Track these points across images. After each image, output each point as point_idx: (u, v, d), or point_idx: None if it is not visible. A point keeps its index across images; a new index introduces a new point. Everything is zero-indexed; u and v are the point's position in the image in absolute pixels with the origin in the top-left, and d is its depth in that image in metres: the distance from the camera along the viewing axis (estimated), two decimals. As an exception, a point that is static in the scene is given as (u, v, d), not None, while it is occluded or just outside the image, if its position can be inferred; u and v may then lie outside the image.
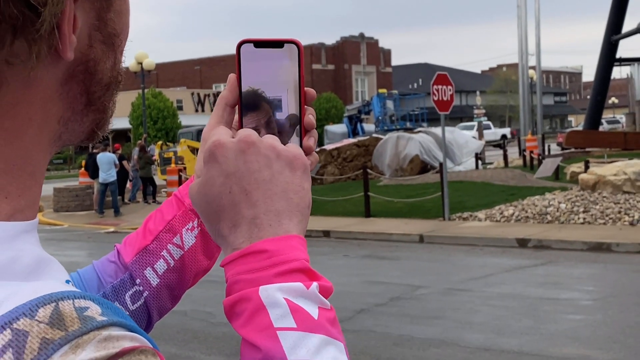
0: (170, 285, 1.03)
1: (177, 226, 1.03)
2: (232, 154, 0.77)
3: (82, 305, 0.59)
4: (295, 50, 0.95)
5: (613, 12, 28.86)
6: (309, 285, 0.72)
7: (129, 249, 1.04)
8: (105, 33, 0.68)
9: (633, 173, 15.25)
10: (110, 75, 0.71)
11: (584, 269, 10.71)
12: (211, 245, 1.04)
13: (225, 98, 0.97)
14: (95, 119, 0.72)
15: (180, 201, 1.04)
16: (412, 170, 23.22)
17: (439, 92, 14.99)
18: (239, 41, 0.97)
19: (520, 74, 39.37)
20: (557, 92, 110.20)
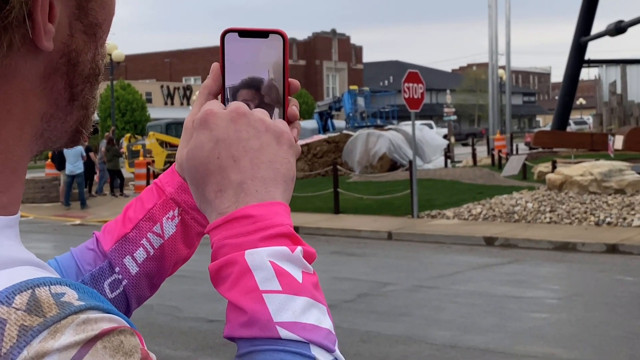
0: (150, 273, 1.02)
1: (158, 215, 1.01)
2: (223, 122, 0.79)
3: (59, 291, 0.58)
4: (280, 41, 0.95)
5: (582, 14, 29.15)
6: (294, 250, 0.74)
7: (108, 237, 1.03)
8: (87, 23, 0.67)
9: (599, 174, 15.43)
10: (90, 67, 0.69)
11: (550, 268, 10.81)
12: (191, 234, 1.03)
13: (209, 87, 0.96)
14: (79, 116, 0.71)
15: (160, 190, 1.03)
16: (382, 168, 23.29)
17: (409, 90, 15.04)
18: (224, 30, 0.95)
19: (490, 74, 39.69)
20: (525, 92, 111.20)
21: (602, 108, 37.58)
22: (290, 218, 0.78)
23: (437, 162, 25.79)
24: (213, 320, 8.03)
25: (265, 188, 0.77)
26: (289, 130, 0.83)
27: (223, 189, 0.77)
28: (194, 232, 1.03)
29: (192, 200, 1.01)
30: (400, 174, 20.46)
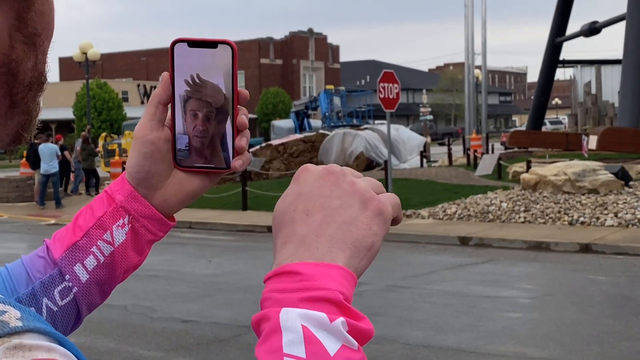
0: (100, 281, 1.02)
1: (108, 222, 1.02)
2: (311, 178, 0.79)
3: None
4: (229, 51, 0.96)
5: (557, 15, 29.38)
6: (334, 319, 0.69)
7: (58, 244, 1.03)
8: (26, 33, 0.67)
9: (573, 174, 15.56)
10: (32, 76, 0.69)
11: (523, 268, 10.90)
12: (142, 242, 1.03)
13: (159, 96, 0.98)
14: (20, 121, 0.70)
15: (110, 198, 1.03)
16: (358, 167, 23.33)
17: (385, 90, 15.09)
18: (173, 40, 0.97)
19: (467, 73, 39.89)
20: (502, 92, 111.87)
21: (577, 108, 37.92)
22: (349, 287, 0.73)
23: (413, 161, 25.88)
24: (187, 320, 8.01)
25: (329, 248, 0.74)
26: (389, 201, 0.79)
27: (288, 241, 0.75)
28: (145, 240, 1.03)
29: (142, 208, 1.01)
30: (376, 174, 20.50)
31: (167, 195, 1.02)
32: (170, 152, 1.00)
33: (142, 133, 0.99)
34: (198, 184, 1.03)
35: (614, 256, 11.34)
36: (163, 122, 1.00)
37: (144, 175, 1.00)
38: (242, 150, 1.00)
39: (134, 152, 1.01)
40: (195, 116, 0.98)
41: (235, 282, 10.02)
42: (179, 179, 1.01)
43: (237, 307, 8.65)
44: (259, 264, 11.37)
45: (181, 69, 0.97)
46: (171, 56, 0.97)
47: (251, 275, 10.48)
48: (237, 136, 0.99)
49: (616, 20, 24.92)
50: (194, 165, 1.00)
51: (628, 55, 21.75)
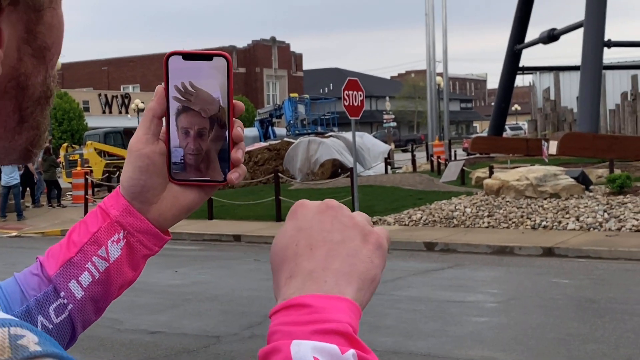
0: (95, 297, 1.01)
1: (103, 238, 1.01)
2: (309, 213, 0.79)
3: (18, 333, 0.56)
4: (224, 64, 0.96)
5: (516, 22, 29.77)
6: (345, 351, 0.69)
7: (52, 261, 1.01)
8: (35, 46, 0.66)
9: (535, 178, 15.77)
10: (41, 90, 0.69)
11: (489, 272, 11.01)
12: (137, 257, 1.02)
13: (153, 109, 0.98)
14: (29, 136, 0.70)
15: (105, 213, 1.02)
16: (323, 175, 23.38)
17: (349, 98, 15.15)
18: (167, 53, 0.97)
19: (428, 81, 40.18)
20: (462, 98, 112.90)
21: (537, 114, 38.38)
22: (356, 319, 0.74)
23: (377, 168, 26.00)
24: (155, 332, 7.96)
25: (336, 281, 0.74)
26: (383, 234, 0.80)
27: (293, 275, 0.75)
28: (140, 255, 1.02)
29: (137, 223, 1.00)
30: (341, 181, 20.57)
31: (163, 209, 1.01)
32: (165, 165, 0.99)
33: (137, 147, 0.98)
34: (193, 197, 1.02)
35: (576, 259, 11.51)
36: (158, 135, 0.99)
37: (139, 189, 0.99)
38: (239, 163, 0.99)
39: (129, 165, 1.00)
40: (187, 133, 0.97)
41: (203, 292, 9.98)
42: (174, 193, 1.01)
43: (205, 317, 8.61)
44: (226, 273, 11.34)
45: (176, 82, 0.96)
46: (165, 69, 0.96)
47: (218, 284, 10.44)
48: (232, 148, 0.98)
49: (574, 27, 25.33)
50: (189, 178, 0.99)
51: (586, 62, 22.12)
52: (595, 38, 22.09)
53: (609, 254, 11.56)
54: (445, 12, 39.27)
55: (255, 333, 7.82)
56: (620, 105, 34.34)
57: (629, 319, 7.77)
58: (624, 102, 34.08)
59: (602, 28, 22.26)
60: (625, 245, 11.76)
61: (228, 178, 0.99)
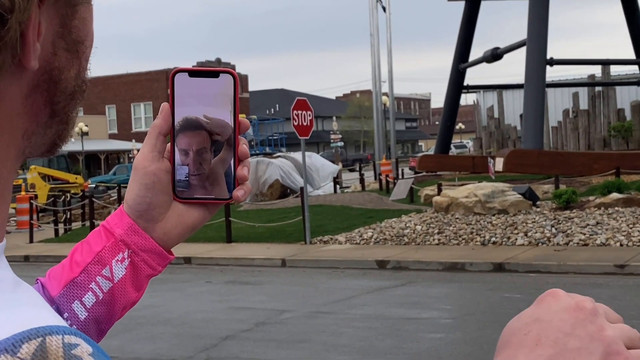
0: (98, 318, 0.99)
1: (107, 257, 0.99)
2: (555, 306, 0.70)
3: (72, 342, 0.55)
4: (231, 81, 0.96)
5: (460, 42, 30.26)
6: None
7: (55, 282, 0.99)
8: (70, 40, 0.65)
9: (483, 195, 15.97)
10: (75, 84, 0.68)
11: (441, 289, 11.07)
12: (141, 276, 1.00)
13: (159, 127, 0.97)
14: (58, 130, 0.69)
15: (109, 232, 1.00)
16: (272, 195, 23.32)
17: (299, 117, 15.16)
18: (173, 70, 0.97)
19: (374, 100, 40.55)
20: (407, 117, 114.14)
21: (481, 132, 38.99)
22: None
23: (326, 188, 26.06)
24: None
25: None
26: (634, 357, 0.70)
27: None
28: (144, 275, 1.01)
29: (142, 241, 0.99)
30: (290, 201, 20.54)
31: (168, 228, 1.00)
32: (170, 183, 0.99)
33: (142, 164, 0.97)
34: (197, 216, 1.01)
35: (526, 274, 11.65)
36: (163, 152, 0.98)
37: (145, 207, 0.98)
38: (244, 180, 0.99)
39: (134, 183, 0.99)
40: (186, 154, 0.97)
41: (155, 315, 9.82)
42: (179, 211, 1.00)
43: (158, 340, 8.47)
44: (178, 296, 11.18)
45: (182, 99, 0.96)
46: (171, 86, 0.96)
47: (171, 307, 10.29)
48: (238, 166, 0.98)
49: (517, 46, 25.84)
50: (194, 197, 0.99)
51: (529, 80, 22.56)
52: (538, 56, 22.56)
53: (558, 268, 11.73)
54: (390, 33, 39.78)
55: (210, 356, 7.71)
56: (562, 122, 35.10)
57: (582, 331, 7.87)
58: (565, 119, 34.84)
59: (544, 46, 22.76)
60: (574, 260, 11.96)
61: (234, 195, 0.98)
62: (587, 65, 33.97)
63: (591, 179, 21.00)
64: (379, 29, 39.74)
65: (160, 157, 0.98)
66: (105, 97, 66.14)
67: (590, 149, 32.02)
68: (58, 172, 30.00)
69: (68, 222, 21.09)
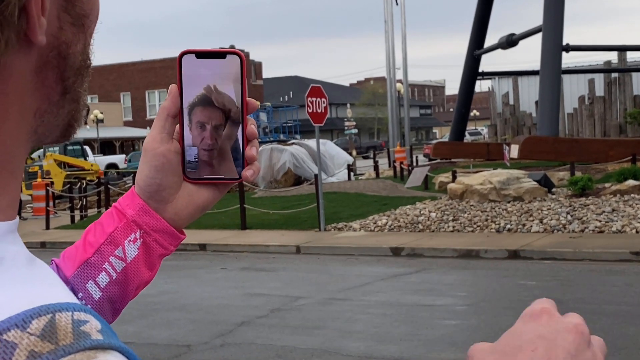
0: (112, 298, 1.00)
1: (119, 238, 1.00)
2: (556, 325, 0.72)
3: (82, 318, 0.55)
4: (238, 62, 0.97)
5: (475, 28, 30.09)
6: None
7: (69, 262, 1.00)
8: (74, 14, 0.65)
9: (498, 182, 15.93)
10: (81, 59, 0.67)
11: (456, 276, 11.06)
12: (153, 256, 1.02)
13: (167, 109, 0.98)
14: (71, 110, 0.68)
15: (121, 213, 1.01)
16: (286, 182, 23.35)
17: (313, 105, 15.15)
18: (181, 52, 0.97)
19: (389, 87, 40.40)
20: (422, 105, 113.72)
21: (496, 119, 38.82)
22: None
23: (340, 175, 26.05)
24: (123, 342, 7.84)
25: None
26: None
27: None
28: (156, 254, 1.02)
29: (153, 222, 1.00)
30: (305, 188, 20.55)
31: (178, 208, 1.01)
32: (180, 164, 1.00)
33: (152, 146, 0.98)
34: (208, 195, 1.02)
35: (541, 261, 11.63)
36: (172, 134, 0.99)
37: (155, 188, 0.99)
38: (253, 160, 1.00)
39: (144, 165, 1.00)
40: (203, 127, 0.98)
41: (171, 301, 9.88)
42: (189, 192, 1.01)
43: (174, 326, 8.52)
44: (193, 282, 11.23)
45: (190, 80, 0.96)
46: (179, 68, 0.96)
47: (186, 294, 10.35)
48: (247, 146, 0.99)
49: (532, 32, 25.67)
50: (203, 177, 1.00)
51: (545, 66, 22.42)
52: (554, 42, 22.41)
53: (573, 255, 11.69)
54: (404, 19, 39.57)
55: (226, 341, 7.75)
56: (577, 109, 34.89)
57: (598, 318, 7.86)
58: (581, 105, 34.63)
59: (561, 33, 22.60)
60: (589, 247, 11.91)
61: (243, 175, 1.00)
62: (603, 51, 33.73)
63: (607, 166, 20.89)
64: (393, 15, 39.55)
65: (169, 138, 0.98)
66: (120, 85, 66.34)
67: (606, 135, 31.84)
68: (73, 159, 30.15)
69: (84, 208, 21.21)
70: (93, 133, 48.85)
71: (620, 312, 8.18)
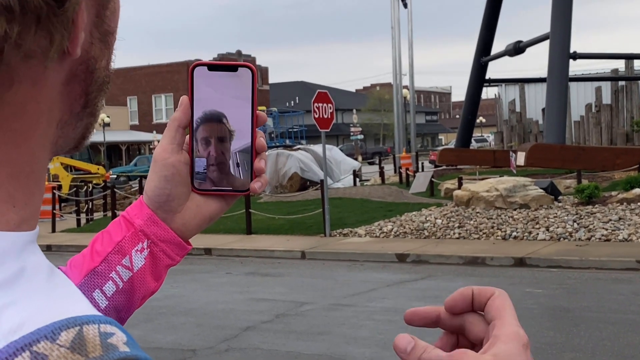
0: (118, 307, 1.00)
1: (127, 247, 1.00)
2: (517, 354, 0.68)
3: (108, 330, 0.56)
4: (249, 75, 0.98)
5: (482, 35, 30.08)
6: None
7: (76, 271, 1.01)
8: (103, 31, 0.66)
9: (504, 189, 15.89)
10: (104, 75, 0.68)
11: (462, 283, 11.03)
12: (160, 266, 1.02)
13: (178, 120, 0.98)
14: (87, 123, 0.69)
15: (129, 222, 1.02)
16: (292, 187, 23.36)
17: (319, 110, 15.16)
18: (192, 64, 0.98)
19: (395, 94, 40.40)
20: (428, 111, 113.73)
21: (503, 126, 38.78)
22: None
23: (345, 181, 26.05)
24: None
25: None
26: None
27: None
28: (163, 265, 1.02)
29: (161, 232, 1.01)
30: (310, 194, 20.55)
31: (186, 218, 1.01)
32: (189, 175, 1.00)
33: (162, 156, 0.99)
34: (215, 207, 1.03)
35: (548, 269, 11.59)
36: (182, 145, 1.00)
37: (164, 198, 1.00)
38: (261, 172, 1.01)
39: (154, 175, 1.00)
40: (208, 143, 0.99)
41: (176, 305, 9.87)
42: (197, 202, 1.01)
43: (179, 330, 8.52)
44: (199, 286, 11.23)
45: (201, 92, 0.97)
46: (190, 80, 0.97)
47: (191, 298, 10.34)
48: (255, 158, 1.00)
49: (540, 39, 25.65)
50: (212, 188, 1.00)
51: (552, 74, 22.40)
52: (561, 50, 22.39)
53: (579, 263, 11.66)
54: (411, 26, 39.58)
55: (231, 346, 7.75)
56: (584, 117, 34.84)
57: (604, 327, 7.83)
58: (588, 113, 34.58)
59: (568, 40, 22.58)
60: (596, 255, 11.87)
61: (251, 187, 1.00)
62: (610, 59, 33.69)
63: (614, 174, 20.84)
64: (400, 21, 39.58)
65: (179, 149, 0.99)
66: (127, 89, 66.47)
67: (612, 143, 31.78)
68: (80, 163, 30.22)
69: (90, 212, 21.25)
70: (99, 137, 48.94)
71: (627, 320, 8.14)
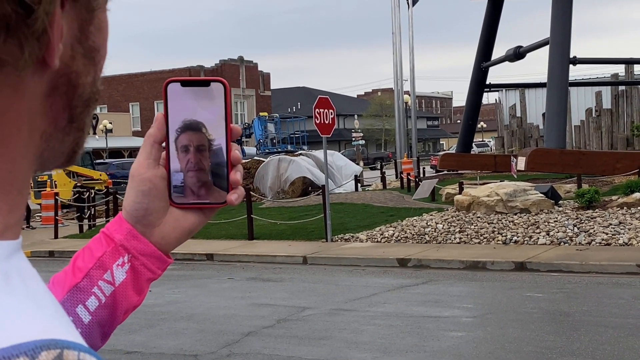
0: (101, 322, 1.02)
1: (108, 262, 1.03)
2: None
3: (86, 359, 0.56)
4: (222, 89, 1.00)
5: (483, 40, 30.14)
6: None
7: (59, 288, 1.03)
8: (86, 46, 0.67)
9: (505, 194, 15.94)
10: (90, 91, 0.69)
11: (463, 287, 11.08)
12: (141, 280, 1.04)
13: (153, 136, 1.01)
14: (75, 138, 0.70)
15: (109, 237, 1.04)
16: (294, 193, 23.39)
17: (320, 116, 15.21)
18: (166, 81, 1.01)
19: (396, 99, 40.43)
20: (429, 116, 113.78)
21: (503, 131, 38.83)
22: None
23: (347, 186, 26.08)
24: (131, 352, 7.89)
25: None
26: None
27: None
28: (144, 278, 1.04)
29: (141, 246, 1.03)
30: (312, 199, 20.59)
31: (165, 232, 1.03)
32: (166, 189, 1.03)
33: (138, 171, 1.01)
34: (194, 220, 1.04)
35: (548, 274, 11.63)
36: (158, 160, 1.02)
37: (142, 212, 1.02)
38: (237, 184, 1.02)
39: (131, 190, 1.02)
40: (187, 150, 1.01)
41: (178, 311, 9.92)
42: (175, 216, 1.03)
43: (181, 336, 8.56)
44: (201, 292, 11.28)
45: (175, 108, 1.00)
46: (165, 96, 1.00)
47: (193, 304, 10.38)
48: (231, 170, 1.02)
49: (540, 44, 25.71)
50: (189, 202, 1.02)
51: (552, 79, 22.45)
52: (561, 55, 22.44)
53: (580, 267, 11.70)
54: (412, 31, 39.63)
55: (233, 351, 7.79)
56: (585, 122, 34.87)
57: (604, 331, 7.87)
58: (588, 118, 34.62)
59: (568, 45, 22.64)
60: (596, 259, 11.92)
61: (228, 199, 1.02)
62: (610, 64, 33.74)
63: (614, 179, 20.88)
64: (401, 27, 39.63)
65: (155, 164, 1.01)
66: (129, 95, 66.57)
67: (613, 148, 31.80)
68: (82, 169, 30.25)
69: (92, 218, 21.29)
70: (102, 143, 48.99)
71: (627, 325, 8.19)
